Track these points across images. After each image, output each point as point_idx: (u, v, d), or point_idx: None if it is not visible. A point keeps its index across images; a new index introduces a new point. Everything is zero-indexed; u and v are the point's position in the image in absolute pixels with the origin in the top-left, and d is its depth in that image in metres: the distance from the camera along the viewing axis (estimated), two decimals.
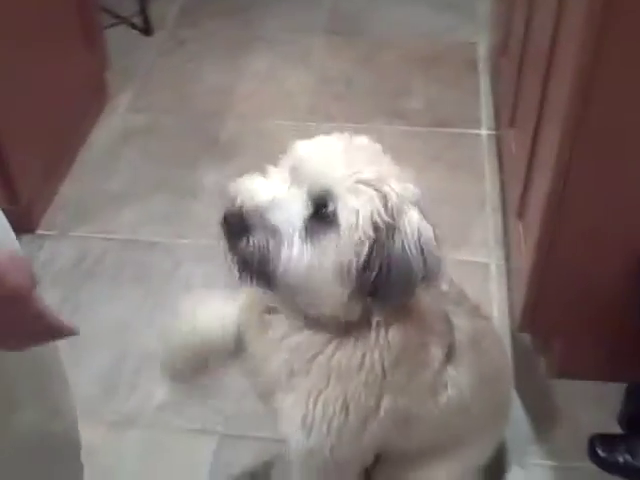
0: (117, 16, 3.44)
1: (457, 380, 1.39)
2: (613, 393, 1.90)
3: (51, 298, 1.60)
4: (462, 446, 1.55)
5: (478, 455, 1.64)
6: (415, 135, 2.84)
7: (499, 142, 2.70)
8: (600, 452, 1.80)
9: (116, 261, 2.40)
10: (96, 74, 2.90)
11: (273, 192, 1.14)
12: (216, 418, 1.95)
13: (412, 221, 1.14)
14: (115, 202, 2.60)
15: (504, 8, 2.69)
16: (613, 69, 1.50)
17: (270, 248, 1.11)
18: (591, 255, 1.75)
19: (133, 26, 3.46)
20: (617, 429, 1.87)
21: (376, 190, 1.12)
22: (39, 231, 2.50)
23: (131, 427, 1.95)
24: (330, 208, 1.11)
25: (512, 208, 2.16)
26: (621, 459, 1.78)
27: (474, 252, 2.36)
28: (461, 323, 1.40)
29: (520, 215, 2.05)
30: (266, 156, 2.79)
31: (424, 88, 3.07)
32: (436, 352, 1.34)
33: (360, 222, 1.11)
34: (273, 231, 1.11)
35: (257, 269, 1.13)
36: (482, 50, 3.25)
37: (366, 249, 1.12)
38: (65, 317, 0.93)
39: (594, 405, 1.93)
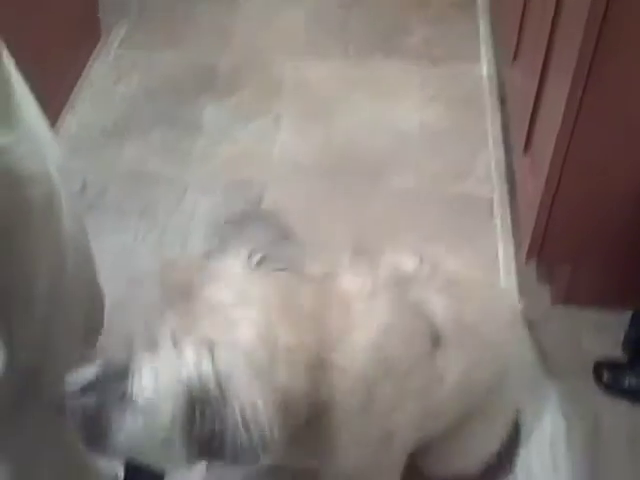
0: None
1: (450, 364, 1.32)
2: (617, 321, 1.94)
3: None
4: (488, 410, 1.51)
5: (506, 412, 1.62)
6: (413, 72, 2.83)
7: (500, 78, 2.70)
8: (605, 377, 1.85)
9: (119, 194, 2.38)
10: (88, 9, 2.86)
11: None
12: None
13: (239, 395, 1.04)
14: (114, 136, 2.58)
15: None
16: None
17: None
18: (600, 184, 1.78)
19: None
20: (620, 356, 1.91)
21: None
22: None
23: None
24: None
25: (517, 142, 2.17)
26: (626, 383, 1.83)
27: (477, 186, 2.38)
28: (436, 309, 1.31)
29: (527, 149, 2.07)
30: (265, 90, 2.78)
31: (421, 25, 3.04)
32: (420, 343, 1.29)
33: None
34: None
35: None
36: None
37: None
38: None
39: (598, 332, 1.97)
